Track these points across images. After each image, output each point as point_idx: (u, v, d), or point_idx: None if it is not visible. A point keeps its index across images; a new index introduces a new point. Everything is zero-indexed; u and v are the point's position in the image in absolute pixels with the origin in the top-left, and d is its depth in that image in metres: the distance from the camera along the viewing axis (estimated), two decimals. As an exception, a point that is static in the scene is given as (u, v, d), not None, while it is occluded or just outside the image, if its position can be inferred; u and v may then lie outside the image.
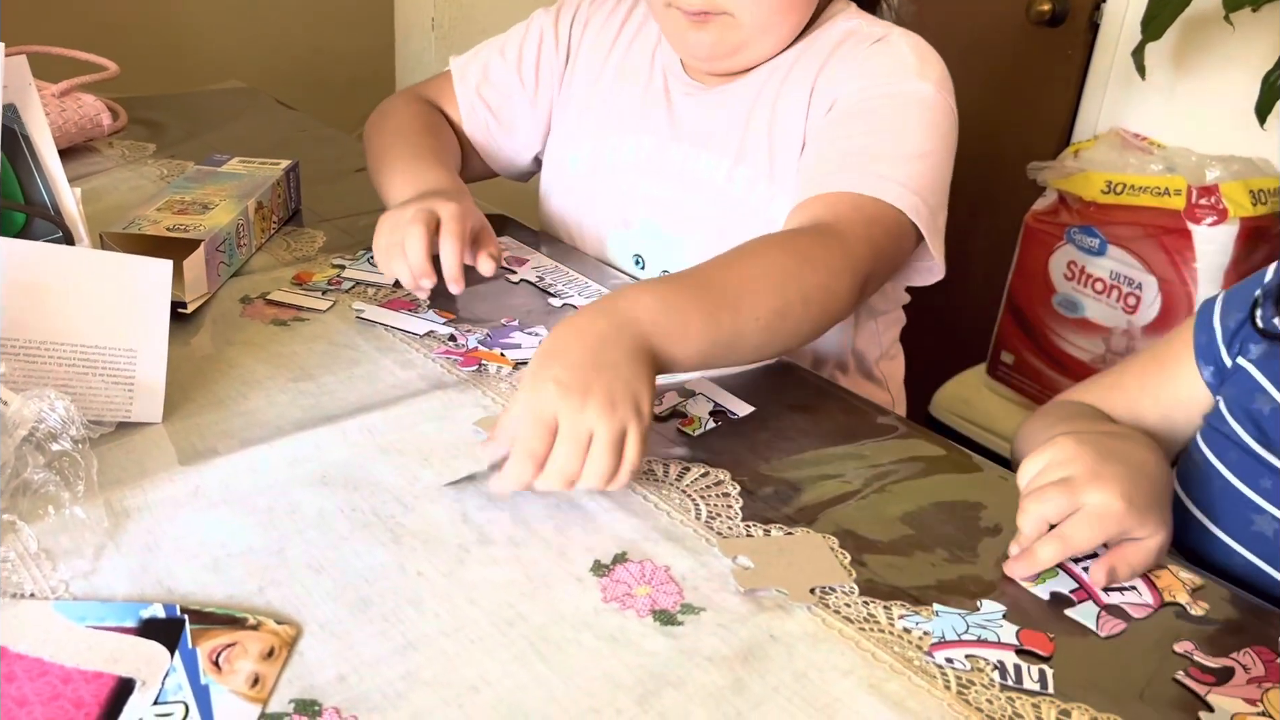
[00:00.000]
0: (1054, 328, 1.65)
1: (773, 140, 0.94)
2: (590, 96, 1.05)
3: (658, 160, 0.99)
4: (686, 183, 0.97)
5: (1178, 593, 0.61)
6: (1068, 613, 0.59)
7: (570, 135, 1.06)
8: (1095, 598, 0.60)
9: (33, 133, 0.73)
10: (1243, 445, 0.70)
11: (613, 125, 1.02)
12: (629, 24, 1.04)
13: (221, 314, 0.86)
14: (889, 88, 0.88)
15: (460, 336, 0.84)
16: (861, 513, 0.66)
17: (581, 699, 0.51)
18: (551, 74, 1.07)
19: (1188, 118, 1.54)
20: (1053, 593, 0.60)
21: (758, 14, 0.89)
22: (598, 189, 1.04)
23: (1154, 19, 1.37)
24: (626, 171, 1.01)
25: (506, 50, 1.07)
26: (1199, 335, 0.75)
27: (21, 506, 0.58)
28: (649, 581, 0.59)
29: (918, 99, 0.87)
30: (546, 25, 1.07)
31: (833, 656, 0.54)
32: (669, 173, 0.99)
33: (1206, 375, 0.74)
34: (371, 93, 2.36)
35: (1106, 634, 0.58)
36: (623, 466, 0.63)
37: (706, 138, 0.97)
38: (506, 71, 1.07)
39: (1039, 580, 0.61)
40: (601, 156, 1.03)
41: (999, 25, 1.76)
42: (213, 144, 1.24)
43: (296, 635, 0.53)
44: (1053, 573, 0.61)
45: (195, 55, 2.07)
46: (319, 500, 0.64)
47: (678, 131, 0.99)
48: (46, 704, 0.48)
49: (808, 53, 0.94)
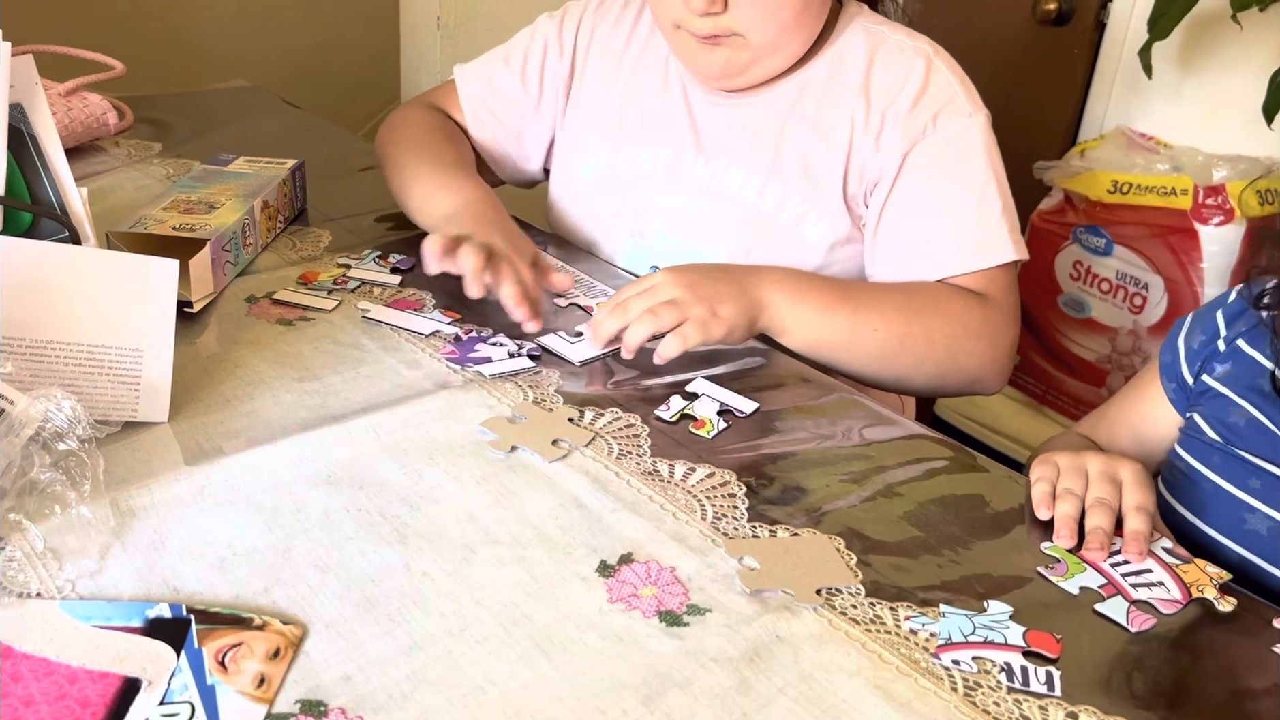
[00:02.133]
0: (1060, 328, 1.65)
1: (809, 159, 0.94)
2: (601, 105, 1.04)
3: (678, 171, 0.99)
4: (713, 196, 0.97)
5: (1205, 587, 0.61)
6: (1097, 608, 0.59)
7: (582, 144, 1.05)
8: (1124, 593, 0.60)
9: (39, 132, 0.73)
10: (1226, 450, 0.73)
11: (628, 135, 1.02)
12: (638, 32, 1.03)
13: (227, 313, 0.86)
14: (961, 140, 0.90)
15: (464, 336, 0.84)
16: (867, 514, 0.66)
17: (587, 699, 0.51)
18: (556, 82, 1.06)
19: (1194, 117, 1.54)
20: (1082, 587, 0.60)
21: (767, 34, 0.89)
22: (611, 198, 1.03)
23: (1161, 18, 1.36)
24: (643, 182, 1.00)
25: (511, 58, 1.07)
26: (1164, 355, 0.81)
27: (28, 506, 0.58)
28: (655, 582, 0.59)
29: (982, 138, 0.90)
30: (550, 32, 1.06)
31: (839, 657, 0.54)
32: (691, 185, 0.98)
33: (1169, 392, 0.80)
34: (377, 92, 2.37)
35: (1137, 629, 0.58)
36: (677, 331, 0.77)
37: (735, 151, 0.97)
38: (510, 80, 1.07)
39: (1067, 576, 0.61)
40: (615, 166, 1.02)
41: (1005, 24, 1.76)
42: (218, 143, 1.24)
43: (302, 635, 0.53)
44: (1080, 568, 0.62)
45: (201, 54, 2.07)
46: (325, 500, 0.64)
47: (702, 143, 0.98)
48: (53, 703, 0.48)
49: (839, 67, 0.93)
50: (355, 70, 2.29)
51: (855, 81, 0.92)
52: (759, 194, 0.95)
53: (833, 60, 0.94)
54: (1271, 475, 0.71)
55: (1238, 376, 0.74)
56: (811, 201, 0.93)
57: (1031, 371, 1.71)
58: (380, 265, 0.95)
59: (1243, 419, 0.73)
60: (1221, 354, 0.76)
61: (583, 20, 1.05)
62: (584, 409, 0.75)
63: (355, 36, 2.28)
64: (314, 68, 2.21)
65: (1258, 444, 0.72)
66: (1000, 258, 0.89)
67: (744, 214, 0.95)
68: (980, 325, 0.87)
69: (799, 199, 0.94)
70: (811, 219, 0.93)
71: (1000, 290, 0.89)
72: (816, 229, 0.93)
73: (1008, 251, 0.89)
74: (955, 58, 0.93)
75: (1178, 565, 0.63)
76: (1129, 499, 0.66)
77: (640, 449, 0.71)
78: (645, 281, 0.82)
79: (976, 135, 0.90)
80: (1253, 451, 0.72)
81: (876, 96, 0.91)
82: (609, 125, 1.03)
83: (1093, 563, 0.63)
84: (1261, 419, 0.72)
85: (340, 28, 2.29)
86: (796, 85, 0.95)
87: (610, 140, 1.02)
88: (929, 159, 0.90)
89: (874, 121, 0.91)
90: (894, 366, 0.87)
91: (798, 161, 0.94)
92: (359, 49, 2.27)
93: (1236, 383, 0.74)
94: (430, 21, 1.88)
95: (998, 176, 0.90)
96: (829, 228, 0.93)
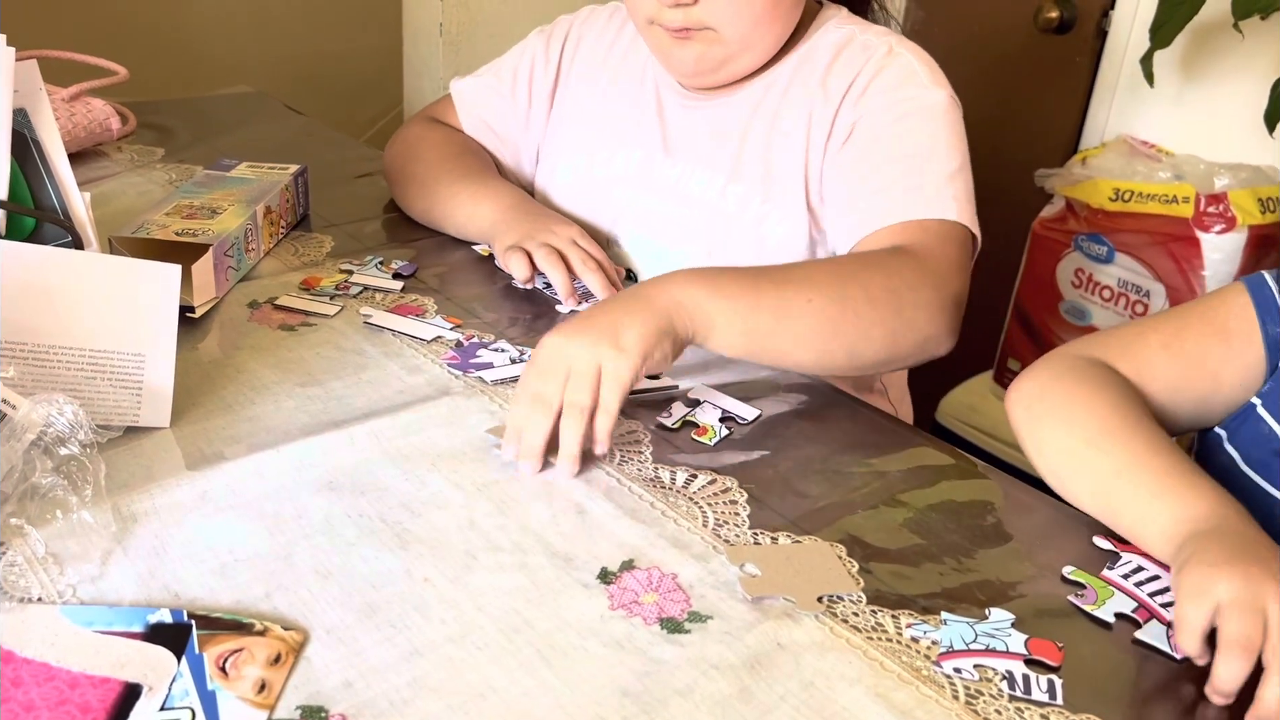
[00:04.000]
0: (1061, 335, 1.65)
1: (770, 158, 0.93)
2: (583, 110, 1.05)
3: (649, 174, 0.99)
4: (679, 197, 0.97)
5: None
6: (1138, 635, 0.57)
7: (562, 148, 1.07)
8: (1158, 616, 0.59)
9: (43, 137, 0.73)
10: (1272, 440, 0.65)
11: (603, 138, 1.02)
12: (621, 39, 1.05)
13: (229, 319, 0.86)
14: (911, 103, 0.88)
15: (465, 342, 0.84)
16: (869, 521, 0.66)
17: (588, 706, 0.51)
18: (542, 93, 1.08)
19: (1196, 125, 1.54)
20: (1117, 614, 0.59)
21: (739, 28, 0.88)
22: (588, 201, 1.04)
23: (1163, 26, 1.36)
24: (616, 184, 1.01)
25: (501, 72, 1.10)
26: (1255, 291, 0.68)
27: (29, 510, 0.58)
28: (656, 589, 0.59)
29: (941, 109, 0.87)
30: (539, 46, 1.08)
31: (840, 665, 0.54)
32: (660, 187, 0.98)
33: (1268, 337, 0.66)
34: (379, 98, 2.38)
35: (1182, 656, 0.56)
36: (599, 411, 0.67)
37: (699, 152, 0.97)
38: (501, 94, 1.09)
39: (1099, 604, 0.59)
40: (591, 169, 1.03)
41: (1007, 32, 1.76)
42: (221, 148, 1.25)
43: (303, 641, 0.53)
44: (1109, 592, 0.60)
45: (204, 60, 2.08)
46: (326, 505, 0.64)
47: (670, 145, 0.99)
48: (53, 709, 0.48)
49: (804, 66, 0.93)
50: (357, 76, 2.29)
51: (816, 77, 0.91)
52: (721, 194, 0.95)
53: (799, 60, 0.93)
54: None
55: None
56: (773, 202, 0.93)
57: (1033, 379, 1.71)
58: (382, 271, 0.95)
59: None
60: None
61: (570, 32, 1.08)
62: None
63: (358, 43, 2.29)
64: (316, 74, 2.22)
65: None
66: (940, 213, 0.82)
67: (707, 215, 0.95)
68: (917, 275, 0.79)
69: (759, 200, 0.93)
70: (773, 220, 0.92)
71: (937, 240, 0.82)
72: (778, 230, 0.92)
73: (949, 211, 0.82)
74: (956, 65, 0.93)
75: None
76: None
77: (642, 455, 0.71)
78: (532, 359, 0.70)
79: (935, 104, 0.87)
80: None
81: (833, 87, 0.90)
82: (587, 129, 1.04)
83: (1121, 586, 0.61)
84: None
85: (343, 34, 2.29)
86: (763, 85, 0.94)
87: (588, 144, 1.03)
88: (876, 119, 0.87)
89: (828, 113, 0.90)
90: (840, 339, 0.76)
91: (759, 162, 0.93)
92: (361, 55, 2.28)
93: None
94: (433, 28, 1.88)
95: (951, 144, 0.86)
96: (790, 229, 0.92)
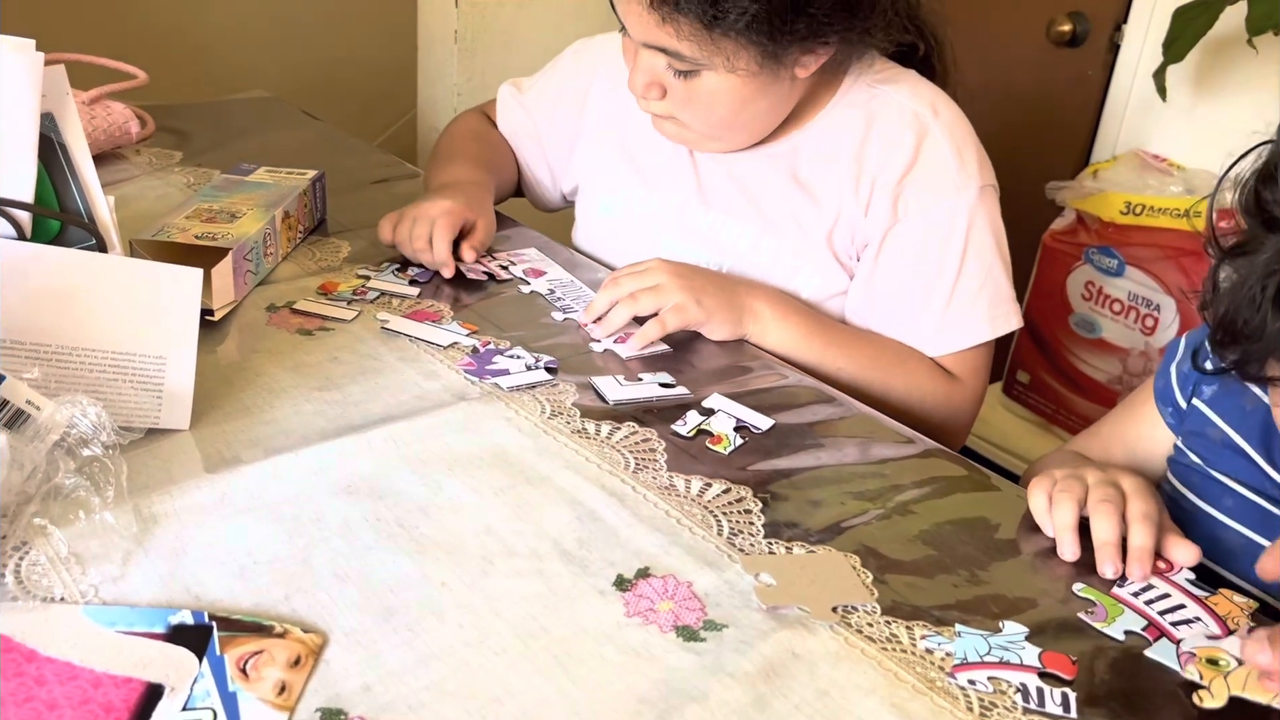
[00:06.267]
0: (1071, 348, 1.65)
1: (801, 218, 0.96)
2: (616, 137, 1.06)
3: (684, 219, 1.01)
4: (714, 246, 0.99)
5: (1239, 618, 0.61)
6: (1147, 654, 0.58)
7: (600, 180, 1.08)
8: (1168, 634, 0.59)
9: (69, 141, 0.74)
10: (1202, 471, 0.74)
11: (643, 178, 1.04)
12: None
13: (248, 322, 0.87)
14: (940, 210, 0.91)
15: (481, 348, 0.85)
16: (883, 532, 0.66)
17: (604, 713, 0.51)
18: (570, 113, 1.10)
19: (1208, 140, 1.54)
20: (1127, 631, 0.59)
21: (704, 127, 0.93)
22: (627, 239, 1.05)
23: (1176, 41, 1.37)
24: (654, 225, 1.03)
25: (537, 86, 1.14)
26: (1158, 381, 0.81)
27: (52, 511, 0.59)
28: (672, 597, 0.59)
29: (971, 212, 0.90)
30: (570, 67, 1.12)
31: (855, 675, 0.55)
32: (697, 232, 1.01)
33: (1167, 417, 0.79)
34: (394, 104, 2.38)
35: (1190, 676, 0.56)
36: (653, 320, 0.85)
37: (731, 206, 0.99)
38: (535, 107, 1.13)
39: (1109, 621, 0.60)
40: (630, 207, 1.05)
41: (1020, 46, 1.76)
42: (238, 153, 1.25)
43: (322, 644, 0.54)
44: (1119, 610, 0.61)
45: (222, 65, 2.09)
46: (344, 509, 0.64)
47: (704, 194, 1.01)
48: (77, 708, 0.48)
49: (832, 133, 0.95)
50: (372, 83, 2.30)
51: (850, 148, 0.94)
52: (754, 246, 0.98)
53: (829, 124, 0.95)
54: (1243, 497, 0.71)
55: (1221, 398, 0.74)
56: (804, 258, 0.96)
57: (1042, 391, 1.71)
58: (399, 277, 0.96)
59: (1217, 436, 0.73)
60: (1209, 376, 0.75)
61: (600, 54, 1.09)
62: (600, 423, 0.75)
63: (373, 49, 2.29)
64: (332, 79, 2.22)
65: (1233, 465, 0.72)
66: (970, 339, 0.92)
67: (741, 265, 0.98)
68: (942, 400, 0.92)
69: (791, 255, 0.96)
70: (805, 274, 0.96)
71: (968, 371, 0.94)
72: (811, 283, 0.96)
73: (980, 331, 0.92)
74: (968, 79, 0.93)
75: (1206, 596, 0.62)
76: (1132, 508, 0.65)
77: (657, 464, 0.71)
78: (640, 265, 0.89)
79: (962, 211, 0.91)
80: (1225, 470, 0.72)
81: (868, 165, 0.93)
82: (626, 163, 1.06)
83: (1130, 604, 0.61)
84: (1238, 441, 0.72)
85: (358, 40, 2.30)
86: (790, 146, 0.97)
87: (627, 181, 1.05)
88: (909, 241, 0.92)
89: (864, 189, 0.93)
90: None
91: (790, 219, 0.96)
92: (377, 62, 2.29)
93: (1219, 404, 0.74)
94: (448, 35, 1.89)
95: (980, 250, 0.91)
96: (822, 282, 0.96)
